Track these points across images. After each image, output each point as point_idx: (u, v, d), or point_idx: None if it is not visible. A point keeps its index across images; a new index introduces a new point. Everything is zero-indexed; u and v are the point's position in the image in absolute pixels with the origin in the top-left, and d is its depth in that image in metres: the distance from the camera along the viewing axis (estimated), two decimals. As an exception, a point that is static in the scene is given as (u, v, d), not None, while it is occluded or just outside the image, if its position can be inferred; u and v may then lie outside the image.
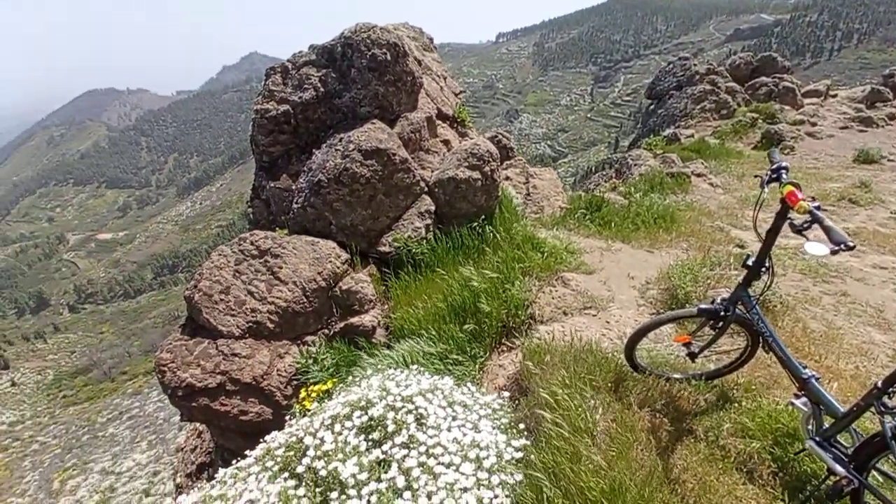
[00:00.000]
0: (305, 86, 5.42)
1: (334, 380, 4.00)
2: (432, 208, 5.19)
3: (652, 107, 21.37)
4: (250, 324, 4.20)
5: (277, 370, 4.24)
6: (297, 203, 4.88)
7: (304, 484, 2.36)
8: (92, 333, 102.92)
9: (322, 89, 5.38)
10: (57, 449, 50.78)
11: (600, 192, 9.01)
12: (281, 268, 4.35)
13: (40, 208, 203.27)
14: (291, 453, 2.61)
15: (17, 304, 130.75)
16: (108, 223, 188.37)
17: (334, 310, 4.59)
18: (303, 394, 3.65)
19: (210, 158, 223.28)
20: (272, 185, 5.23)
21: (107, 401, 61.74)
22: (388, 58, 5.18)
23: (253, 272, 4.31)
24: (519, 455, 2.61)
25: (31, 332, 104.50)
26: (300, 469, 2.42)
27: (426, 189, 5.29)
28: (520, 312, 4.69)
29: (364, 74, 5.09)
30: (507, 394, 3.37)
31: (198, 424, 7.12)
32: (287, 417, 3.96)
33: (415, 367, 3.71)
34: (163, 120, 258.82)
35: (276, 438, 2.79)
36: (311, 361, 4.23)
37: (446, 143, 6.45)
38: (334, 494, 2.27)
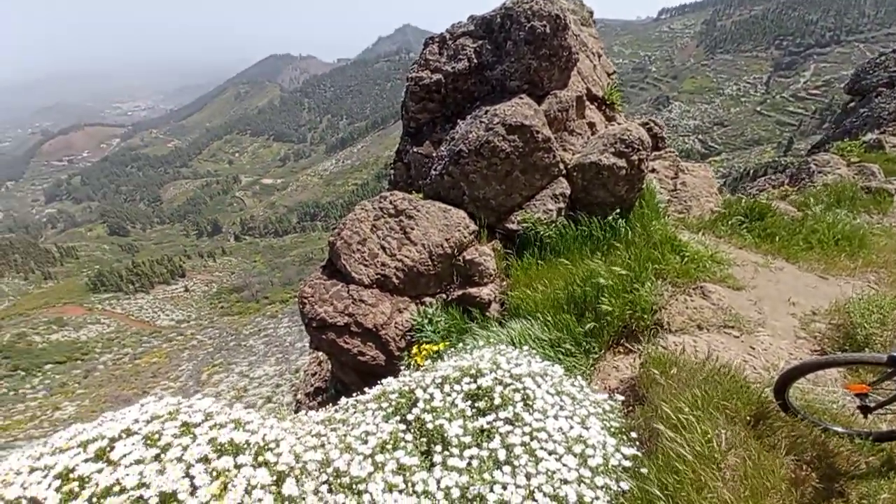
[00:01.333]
0: (460, 56, 5.51)
1: (445, 343, 4.17)
2: (567, 192, 4.99)
3: (852, 104, 17.48)
4: (378, 276, 4.56)
5: (395, 323, 4.55)
6: (435, 170, 5.07)
7: (411, 430, 2.53)
8: (248, 260, 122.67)
9: (475, 60, 5.42)
10: (209, 348, 62.43)
11: (765, 198, 7.74)
12: (413, 229, 4.60)
13: (224, 152, 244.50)
14: (403, 400, 2.81)
15: (198, 227, 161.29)
16: (271, 170, 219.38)
17: (454, 277, 4.74)
18: (415, 350, 3.89)
19: (356, 122, 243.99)
20: (415, 150, 5.51)
21: (251, 317, 73.65)
22: (547, 30, 4.98)
23: (388, 229, 4.64)
24: (627, 464, 2.46)
25: (205, 250, 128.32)
26: (409, 417, 2.59)
27: (564, 171, 5.08)
28: (646, 316, 4.34)
29: (519, 47, 4.98)
30: (620, 397, 3.18)
31: (321, 354, 8.09)
32: (401, 367, 4.27)
33: (525, 348, 3.68)
34: (323, 84, 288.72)
35: (391, 384, 3.03)
36: (426, 321, 4.46)
37: (591, 125, 6.08)
38: (438, 448, 2.40)
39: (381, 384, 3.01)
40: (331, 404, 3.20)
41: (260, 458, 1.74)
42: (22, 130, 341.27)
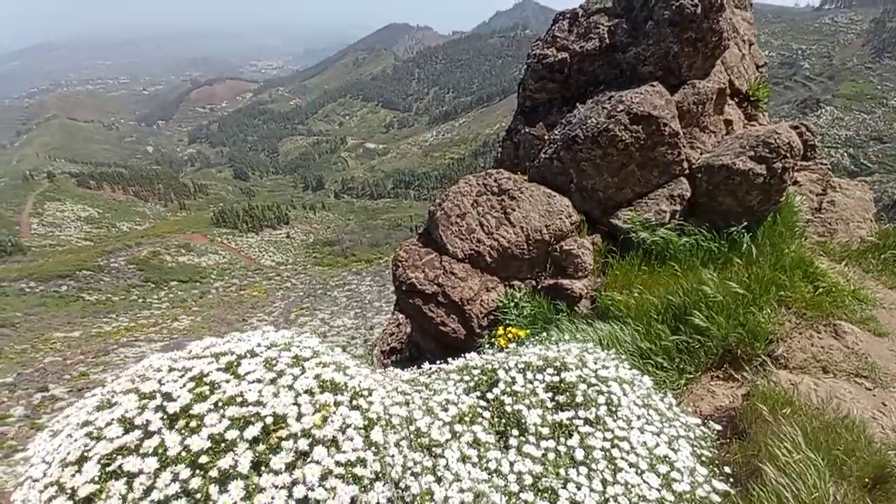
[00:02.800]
0: (591, 35, 5.18)
1: (529, 330, 4.11)
2: (687, 195, 4.55)
3: None
4: (472, 251, 4.58)
5: (482, 300, 4.57)
6: (545, 153, 4.90)
7: (489, 409, 2.54)
8: (343, 217, 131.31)
9: (607, 41, 5.06)
10: (300, 292, 68.44)
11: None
12: (514, 210, 4.53)
13: (336, 114, 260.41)
14: (485, 378, 2.83)
15: (305, 181, 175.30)
16: (375, 136, 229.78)
17: (548, 265, 4.62)
18: (500, 330, 3.88)
19: (462, 96, 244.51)
20: (527, 130, 5.36)
21: (338, 270, 79.29)
22: (698, 11, 4.47)
23: (488, 207, 4.62)
24: (717, 499, 2.26)
25: (308, 203, 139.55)
26: (489, 395, 2.61)
27: (687, 171, 4.62)
28: (758, 345, 3.90)
29: (661, 28, 4.54)
30: (716, 426, 2.92)
31: (401, 317, 8.46)
32: (481, 345, 4.31)
33: (613, 351, 3.50)
34: (435, 56, 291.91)
35: (473, 359, 3.06)
36: (512, 304, 4.42)
37: (728, 123, 5.44)
38: (514, 432, 2.39)
39: (465, 358, 3.05)
40: (414, 366, 3.34)
41: (354, 402, 1.86)
42: (175, 77, 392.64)
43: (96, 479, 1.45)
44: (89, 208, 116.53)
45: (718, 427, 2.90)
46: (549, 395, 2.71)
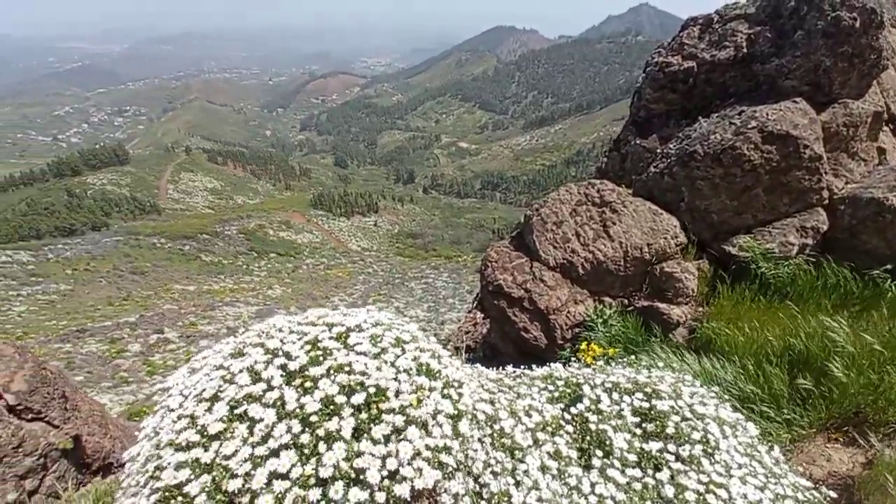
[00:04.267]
0: (725, 43, 4.77)
1: (616, 349, 3.91)
2: (823, 228, 4.01)
3: None
4: (565, 261, 4.47)
5: (568, 312, 4.44)
6: (655, 167, 4.62)
7: (572, 423, 2.48)
8: (428, 212, 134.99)
9: (744, 50, 4.62)
10: (379, 278, 71.61)
11: None
12: (614, 224, 4.33)
13: (434, 111, 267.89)
14: (569, 391, 2.76)
15: (397, 174, 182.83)
16: (469, 136, 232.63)
17: (644, 285, 4.35)
18: (583, 346, 3.74)
19: (560, 102, 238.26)
20: (637, 141, 5.09)
21: (417, 262, 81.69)
22: (857, 25, 3.92)
23: (587, 217, 4.46)
24: (828, 575, 1.99)
25: (397, 195, 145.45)
26: (573, 409, 2.54)
27: (826, 201, 4.08)
28: (892, 410, 3.36)
29: (813, 39, 4.04)
30: (831, 493, 2.58)
31: (479, 316, 8.51)
32: (562, 357, 4.20)
33: (716, 389, 3.21)
34: (538, 60, 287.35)
35: (558, 370, 3.00)
36: (600, 321, 4.24)
37: (882, 152, 4.70)
38: (598, 452, 2.30)
39: (549, 367, 3.00)
40: (490, 366, 3.35)
41: (445, 391, 1.92)
42: (296, 69, 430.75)
43: (224, 418, 1.66)
44: (214, 181, 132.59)
45: (833, 494, 2.56)
46: (637, 420, 2.57)
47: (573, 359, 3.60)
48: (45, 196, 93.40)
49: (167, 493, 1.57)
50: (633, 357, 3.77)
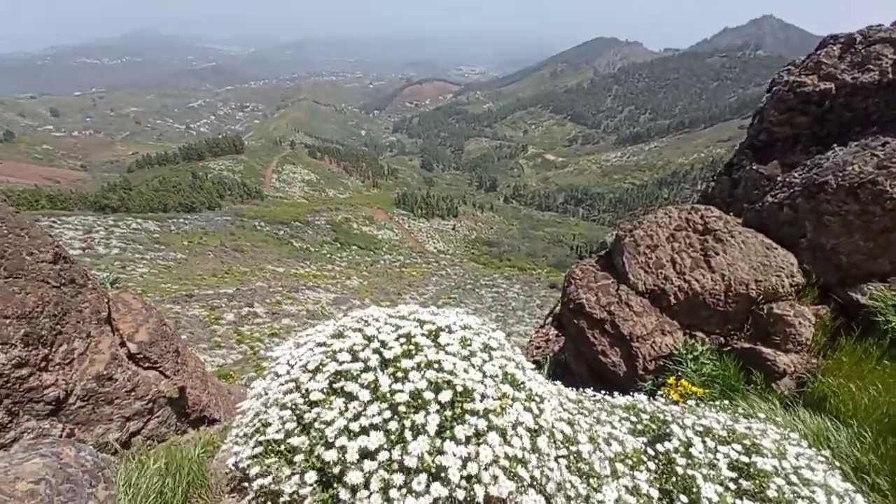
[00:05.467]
0: (869, 66, 4.21)
1: (707, 391, 3.60)
2: None
3: None
4: (656, 287, 4.21)
5: (654, 342, 4.18)
6: (773, 196, 4.19)
7: (655, 460, 2.33)
8: (507, 222, 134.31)
9: (890, 76, 4.05)
10: (451, 282, 72.42)
11: None
12: (717, 254, 4.00)
13: (523, 121, 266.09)
14: (654, 427, 2.60)
15: (480, 181, 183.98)
16: (556, 148, 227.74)
17: (746, 325, 3.96)
18: (671, 380, 3.49)
19: (659, 119, 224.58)
20: (754, 166, 4.65)
21: (490, 271, 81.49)
22: None
23: (686, 244, 4.17)
24: None
25: (478, 201, 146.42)
26: (658, 446, 2.38)
27: None
28: None
29: None
30: None
31: (552, 332, 8.29)
32: (642, 388, 3.96)
33: (826, 453, 2.82)
34: (638, 74, 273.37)
35: (642, 402, 2.83)
36: (690, 356, 3.93)
37: None
38: (682, 498, 2.14)
39: (633, 397, 2.85)
40: (565, 385, 3.25)
41: (527, 403, 1.92)
42: (395, 75, 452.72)
43: (324, 389, 1.81)
44: (311, 173, 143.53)
45: None
46: (732, 474, 2.35)
47: (658, 393, 3.37)
48: (174, 176, 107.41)
49: (269, 447, 1.75)
50: (725, 402, 3.44)
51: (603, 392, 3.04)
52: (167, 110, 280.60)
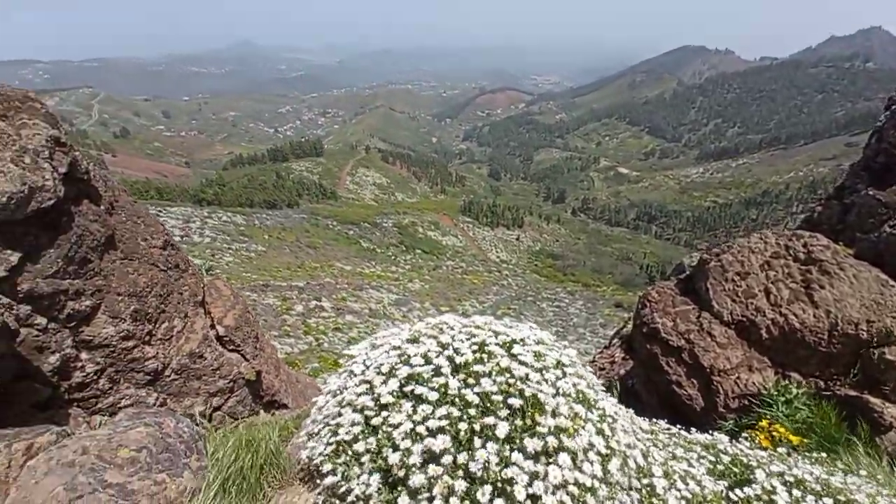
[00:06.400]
0: None
1: (802, 439, 3.23)
2: None
3: None
4: (744, 318, 3.87)
5: (738, 378, 3.84)
6: (892, 227, 3.70)
7: (734, 507, 2.13)
8: (573, 235, 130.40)
9: None
10: (512, 292, 71.45)
11: None
12: (822, 287, 3.60)
13: (597, 133, 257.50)
14: (736, 470, 2.39)
15: (548, 192, 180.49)
16: (631, 161, 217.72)
17: (853, 371, 3.52)
18: (763, 423, 3.18)
19: (749, 133, 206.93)
20: (870, 191, 4.14)
21: (552, 284, 79.39)
22: None
23: (784, 274, 3.80)
24: None
25: (544, 213, 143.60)
26: (739, 492, 2.19)
27: None
28: None
29: None
30: None
31: (617, 355, 7.91)
32: (722, 427, 3.65)
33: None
34: (728, 85, 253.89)
35: (722, 441, 2.62)
36: (782, 399, 3.55)
37: None
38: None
39: (713, 436, 2.63)
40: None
41: (600, 425, 1.85)
42: (468, 84, 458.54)
43: (395, 393, 1.87)
44: (383, 177, 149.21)
45: None
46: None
47: (742, 435, 3.09)
48: (261, 175, 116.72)
49: (340, 447, 1.84)
50: (823, 454, 3.08)
51: (678, 427, 2.85)
52: (259, 115, 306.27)
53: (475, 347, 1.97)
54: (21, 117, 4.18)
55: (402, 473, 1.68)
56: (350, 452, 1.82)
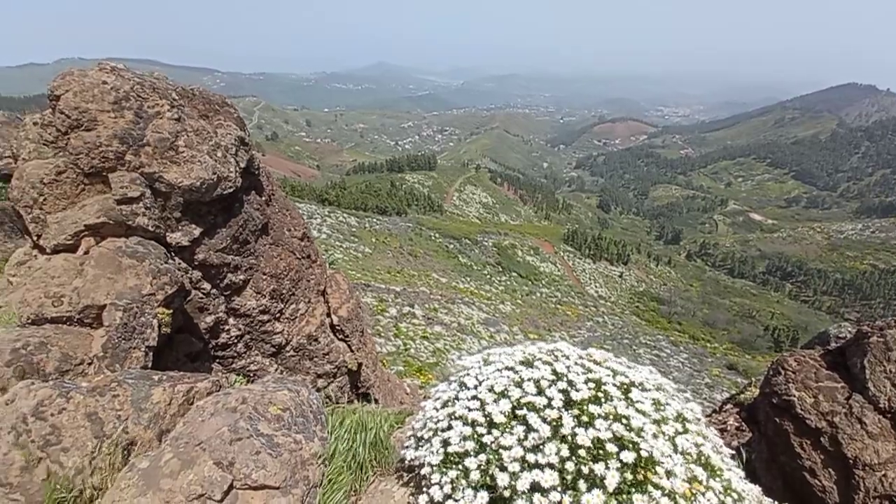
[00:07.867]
0: None
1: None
2: None
3: None
4: (912, 412, 3.24)
5: (885, 475, 3.22)
6: None
7: None
8: (685, 280, 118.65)
9: None
10: (607, 332, 67.09)
11: None
12: None
13: (728, 172, 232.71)
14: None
15: (661, 231, 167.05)
16: (766, 208, 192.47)
17: None
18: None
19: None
20: None
21: (653, 330, 72.88)
22: None
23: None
24: None
25: (654, 252, 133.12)
26: None
27: None
28: None
29: None
30: None
31: (730, 422, 7.04)
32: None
33: None
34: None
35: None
36: (958, 520, 2.89)
37: None
38: None
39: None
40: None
41: (722, 497, 1.71)
42: (587, 112, 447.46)
43: (507, 413, 1.94)
44: (489, 197, 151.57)
45: None
46: None
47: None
48: (378, 182, 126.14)
49: (450, 458, 1.95)
50: None
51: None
52: (384, 128, 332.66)
53: (592, 385, 1.96)
54: (218, 119, 5.14)
55: (507, 494, 1.74)
56: (461, 467, 1.91)
